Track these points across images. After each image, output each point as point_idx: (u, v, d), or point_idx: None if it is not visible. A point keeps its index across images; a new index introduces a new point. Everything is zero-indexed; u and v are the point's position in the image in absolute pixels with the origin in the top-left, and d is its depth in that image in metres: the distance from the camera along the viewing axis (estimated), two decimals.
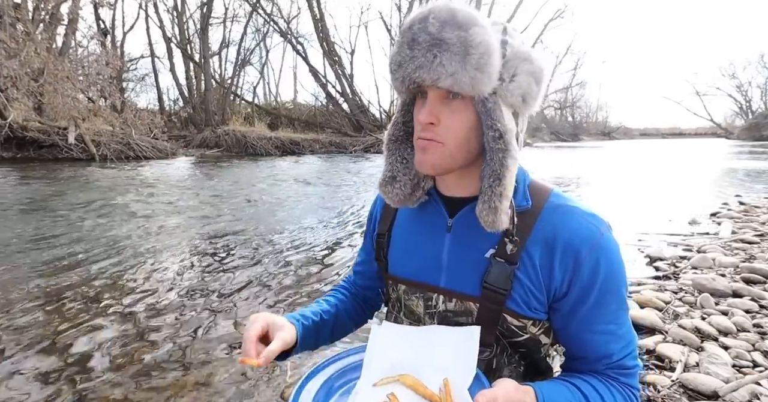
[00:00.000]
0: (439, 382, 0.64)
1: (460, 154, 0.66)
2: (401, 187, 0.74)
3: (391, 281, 0.81)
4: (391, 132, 0.75)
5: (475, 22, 0.58)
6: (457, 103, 0.63)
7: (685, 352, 1.88)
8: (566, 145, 37.31)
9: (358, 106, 23.44)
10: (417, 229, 0.78)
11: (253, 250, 3.87)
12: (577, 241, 0.65)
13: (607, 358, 0.67)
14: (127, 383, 1.82)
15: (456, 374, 0.64)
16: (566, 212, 0.67)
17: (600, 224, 0.66)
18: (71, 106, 12.09)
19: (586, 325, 0.67)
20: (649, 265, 3.36)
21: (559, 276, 0.66)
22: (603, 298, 0.66)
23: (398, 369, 0.67)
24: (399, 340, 0.73)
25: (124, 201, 6.24)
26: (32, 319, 2.41)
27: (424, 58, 0.58)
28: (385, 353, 0.71)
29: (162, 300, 2.71)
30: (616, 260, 0.66)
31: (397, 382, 0.65)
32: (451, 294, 0.71)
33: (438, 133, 0.64)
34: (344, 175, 10.41)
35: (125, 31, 23.14)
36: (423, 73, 0.59)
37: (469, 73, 0.58)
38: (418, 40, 0.58)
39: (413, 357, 0.69)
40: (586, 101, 65.09)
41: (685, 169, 12.81)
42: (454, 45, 0.57)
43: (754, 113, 49.31)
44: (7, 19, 10.87)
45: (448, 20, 0.58)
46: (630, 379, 0.69)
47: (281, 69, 41.57)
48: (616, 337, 0.67)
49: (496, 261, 0.67)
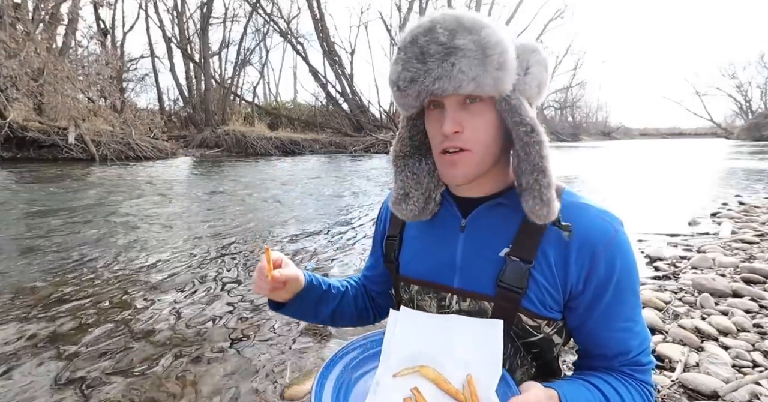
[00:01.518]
0: (461, 377, 0.62)
1: (488, 157, 0.66)
2: (415, 203, 0.74)
3: (402, 282, 0.80)
4: (397, 148, 0.74)
5: (483, 24, 0.58)
6: (477, 107, 0.63)
7: (685, 352, 1.88)
8: (566, 145, 37.30)
9: (358, 106, 23.44)
10: (430, 229, 0.78)
11: (253, 251, 3.86)
12: (592, 238, 0.65)
13: (623, 356, 0.68)
14: (126, 383, 1.82)
15: (479, 371, 0.62)
16: (580, 210, 0.67)
17: (614, 221, 0.66)
18: (71, 106, 12.10)
19: (604, 323, 0.67)
20: (649, 265, 3.36)
21: (575, 274, 0.65)
22: (619, 296, 0.66)
23: (418, 359, 0.66)
24: (418, 328, 0.70)
25: (124, 201, 6.24)
26: (31, 319, 2.41)
27: (441, 69, 0.58)
28: (404, 341, 0.69)
29: (162, 300, 2.71)
30: (630, 257, 0.67)
31: (417, 373, 0.64)
32: (465, 294, 0.71)
33: (464, 140, 0.63)
34: (344, 175, 10.41)
35: (125, 31, 23.19)
36: (443, 83, 0.58)
37: (492, 75, 0.58)
38: (429, 52, 0.58)
39: (433, 347, 0.67)
40: (586, 101, 65.20)
41: (685, 169, 12.81)
42: (471, 50, 0.57)
43: (754, 113, 49.30)
44: (7, 19, 10.87)
45: (456, 27, 0.58)
46: (645, 376, 0.69)
47: (281, 69, 41.74)
48: (633, 333, 0.68)
49: (511, 259, 0.67)
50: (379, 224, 0.90)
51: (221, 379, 1.84)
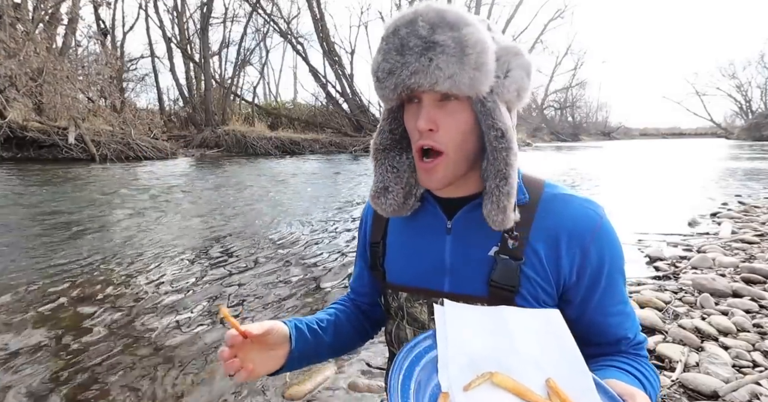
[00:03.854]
0: (537, 382, 0.53)
1: (461, 161, 0.65)
2: (394, 198, 0.72)
3: (390, 290, 0.78)
4: (377, 141, 0.73)
5: (466, 22, 0.57)
6: (452, 106, 0.62)
7: (685, 352, 1.88)
8: (566, 145, 37.31)
9: (358, 106, 23.41)
10: (414, 234, 0.76)
11: (253, 252, 3.86)
12: (580, 228, 0.65)
13: (626, 339, 0.69)
14: (126, 384, 1.82)
15: (558, 372, 0.54)
16: (564, 201, 0.68)
17: (597, 208, 0.68)
18: (71, 106, 12.10)
19: (602, 309, 0.68)
20: (649, 265, 3.36)
21: (567, 265, 0.65)
22: (612, 280, 0.67)
23: (481, 364, 0.55)
24: (472, 325, 0.61)
25: (124, 201, 6.24)
26: (30, 319, 2.40)
27: (418, 63, 0.57)
28: (460, 344, 0.58)
29: (161, 300, 2.71)
30: (616, 241, 0.68)
31: (490, 382, 0.53)
32: (457, 297, 0.69)
33: (437, 139, 0.63)
34: (344, 175, 10.41)
35: (125, 31, 23.15)
36: (419, 78, 0.57)
37: (468, 74, 0.57)
38: (408, 44, 0.57)
39: (494, 347, 0.57)
40: (586, 101, 65.11)
41: (685, 169, 12.81)
42: (449, 47, 0.56)
43: (754, 113, 49.29)
44: (6, 19, 10.87)
45: (437, 22, 0.56)
46: (645, 352, 0.71)
47: (281, 69, 41.71)
48: (626, 315, 0.69)
49: (501, 258, 0.66)
50: (361, 231, 0.88)
51: (222, 379, 1.84)
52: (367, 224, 0.85)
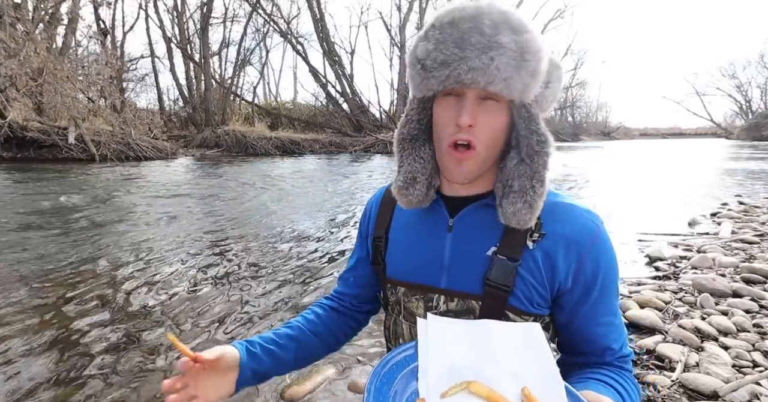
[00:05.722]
0: (514, 391, 0.55)
1: (488, 159, 0.66)
2: (421, 188, 0.72)
3: (389, 284, 0.79)
4: (405, 131, 0.73)
5: (527, 28, 0.58)
6: (491, 105, 0.63)
7: (685, 352, 1.88)
8: (566, 145, 37.29)
9: (358, 106, 23.43)
10: (417, 230, 0.77)
11: (253, 251, 3.87)
12: (578, 237, 0.66)
13: (611, 350, 0.69)
14: (124, 383, 1.82)
15: (534, 383, 0.56)
16: (565, 209, 0.69)
17: (596, 219, 0.69)
18: (71, 106, 12.11)
19: (591, 318, 0.69)
20: (649, 265, 3.36)
21: (563, 271, 0.67)
22: (604, 291, 0.68)
23: (460, 373, 0.58)
24: (453, 336, 0.63)
25: (124, 201, 6.24)
26: (30, 318, 2.40)
27: (478, 60, 0.56)
28: (441, 353, 0.61)
29: (160, 300, 2.71)
30: (612, 252, 0.69)
31: (467, 390, 0.55)
32: (452, 294, 0.71)
33: (474, 135, 0.63)
34: (344, 175, 10.41)
35: (125, 31, 23.18)
36: (476, 75, 0.57)
37: (523, 80, 0.58)
38: (470, 40, 0.57)
39: (474, 358, 0.60)
40: (586, 101, 65.22)
41: (685, 169, 12.81)
42: (511, 50, 0.56)
43: (754, 113, 49.32)
44: (7, 19, 10.87)
45: (502, 23, 0.57)
46: (629, 366, 0.71)
47: (281, 69, 41.85)
48: (614, 327, 0.70)
49: (498, 258, 0.67)
50: (364, 224, 0.88)
51: None
52: (371, 218, 0.86)
